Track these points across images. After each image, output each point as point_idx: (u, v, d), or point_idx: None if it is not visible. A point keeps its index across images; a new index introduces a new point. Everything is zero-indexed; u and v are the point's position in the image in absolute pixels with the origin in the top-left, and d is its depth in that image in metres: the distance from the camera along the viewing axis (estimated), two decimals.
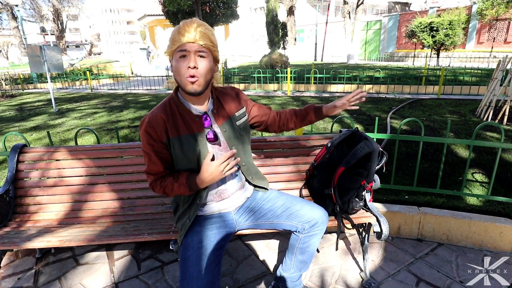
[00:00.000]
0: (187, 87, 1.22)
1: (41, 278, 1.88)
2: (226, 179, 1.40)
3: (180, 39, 1.18)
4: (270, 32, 12.95)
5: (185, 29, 1.18)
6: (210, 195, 1.39)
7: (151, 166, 1.31)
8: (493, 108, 4.68)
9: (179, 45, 1.19)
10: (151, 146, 1.29)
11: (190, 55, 1.19)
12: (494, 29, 18.44)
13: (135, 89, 10.64)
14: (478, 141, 2.23)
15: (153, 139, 1.28)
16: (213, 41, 1.23)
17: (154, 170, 1.32)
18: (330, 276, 1.87)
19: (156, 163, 1.31)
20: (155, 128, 1.27)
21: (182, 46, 1.19)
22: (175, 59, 1.21)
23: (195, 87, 1.22)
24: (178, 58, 1.20)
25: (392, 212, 2.20)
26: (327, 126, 4.46)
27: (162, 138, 1.28)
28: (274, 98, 7.47)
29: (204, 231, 1.34)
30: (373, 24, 25.70)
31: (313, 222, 1.41)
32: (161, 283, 1.83)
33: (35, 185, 1.93)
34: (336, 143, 1.80)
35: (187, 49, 1.19)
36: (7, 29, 31.36)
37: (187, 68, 1.19)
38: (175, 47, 1.20)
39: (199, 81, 1.21)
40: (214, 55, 1.27)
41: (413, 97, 7.19)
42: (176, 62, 1.21)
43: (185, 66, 1.19)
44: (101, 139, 4.20)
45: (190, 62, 1.19)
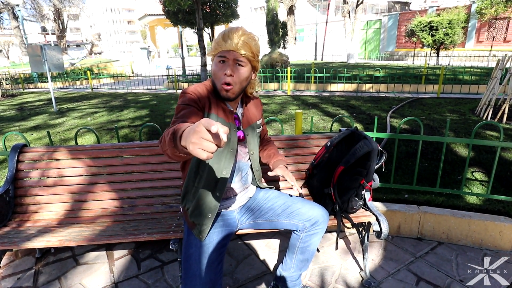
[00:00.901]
0: (221, 93, 1.26)
1: (41, 278, 1.89)
2: (233, 180, 1.41)
3: (222, 45, 1.22)
4: (270, 32, 12.95)
5: (229, 36, 1.21)
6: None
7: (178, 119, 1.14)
8: (492, 107, 4.68)
9: (220, 50, 1.23)
10: (190, 107, 1.18)
11: (228, 62, 1.23)
12: (493, 28, 18.41)
13: (135, 89, 10.63)
14: (478, 140, 2.23)
15: (197, 103, 1.21)
16: (253, 51, 1.26)
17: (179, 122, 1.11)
18: (330, 275, 1.87)
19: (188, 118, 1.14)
20: (201, 95, 1.25)
21: (223, 52, 1.23)
22: (215, 63, 1.26)
23: (229, 94, 1.26)
24: (217, 62, 1.25)
25: (391, 211, 2.20)
26: (327, 125, 4.46)
27: (205, 107, 1.25)
28: (274, 97, 7.47)
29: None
30: (373, 24, 25.68)
31: (313, 221, 1.41)
32: (161, 282, 1.83)
33: (35, 184, 1.93)
34: (336, 142, 1.80)
35: (227, 56, 1.22)
36: (8, 28, 31.34)
37: (224, 75, 1.23)
38: (216, 52, 1.24)
39: (233, 89, 1.26)
40: (253, 64, 1.30)
41: (413, 96, 7.20)
42: (215, 66, 1.26)
43: (222, 72, 1.23)
44: (101, 139, 4.20)
45: (227, 69, 1.22)
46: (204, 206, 1.30)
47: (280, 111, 5.66)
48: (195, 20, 12.15)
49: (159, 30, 26.32)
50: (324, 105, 6.18)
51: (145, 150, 1.98)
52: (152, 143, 1.98)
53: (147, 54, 19.53)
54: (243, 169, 1.44)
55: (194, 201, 1.31)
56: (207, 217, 1.29)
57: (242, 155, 1.41)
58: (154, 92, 9.63)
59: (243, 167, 1.44)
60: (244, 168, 1.45)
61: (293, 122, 4.69)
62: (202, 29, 10.42)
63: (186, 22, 14.44)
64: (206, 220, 1.29)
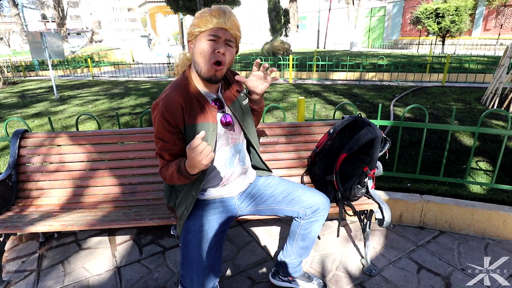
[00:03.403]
0: (209, 73, 1.20)
1: (45, 262, 1.91)
2: (228, 165, 1.37)
3: (213, 22, 1.16)
4: (272, 19, 12.77)
5: (220, 14, 1.16)
6: (210, 181, 1.37)
7: (166, 153, 1.23)
8: (499, 96, 4.61)
9: (211, 27, 1.16)
10: (168, 131, 1.20)
11: (219, 41, 1.18)
12: (501, 15, 18.01)
13: (136, 77, 10.57)
14: (484, 128, 2.20)
15: (170, 125, 1.20)
16: (240, 32, 1.24)
17: (168, 158, 1.24)
18: (331, 262, 1.87)
19: (173, 149, 1.22)
20: (174, 114, 1.19)
21: (215, 30, 1.17)
22: (203, 40, 1.17)
23: (217, 75, 1.21)
24: (206, 40, 1.17)
25: (394, 199, 2.19)
26: (329, 113, 4.42)
27: (180, 125, 1.21)
28: (275, 85, 7.40)
29: (206, 215, 1.33)
30: (377, 11, 25.18)
31: (314, 208, 1.40)
32: (163, 267, 1.85)
33: (37, 170, 1.93)
34: (339, 129, 1.78)
35: (219, 35, 1.17)
36: (8, 16, 31.04)
37: (216, 52, 1.17)
38: (205, 29, 1.17)
39: (223, 70, 1.22)
40: (237, 46, 1.28)
41: (417, 85, 7.10)
42: (203, 45, 1.17)
43: (214, 50, 1.17)
44: (102, 126, 4.19)
45: (221, 47, 1.17)
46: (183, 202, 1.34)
47: (282, 99, 5.61)
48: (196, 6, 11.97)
49: (160, 18, 25.97)
50: (327, 93, 6.12)
51: (146, 136, 1.97)
52: (152, 129, 1.97)
53: (147, 42, 19.36)
54: (239, 151, 1.40)
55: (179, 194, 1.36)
56: (183, 214, 1.33)
57: (234, 137, 1.36)
58: (155, 80, 9.56)
59: (239, 148, 1.40)
60: (241, 150, 1.41)
61: (295, 110, 4.64)
62: None
63: (187, 9, 14.24)
64: (183, 216, 1.33)
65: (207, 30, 1.17)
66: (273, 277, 1.67)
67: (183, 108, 1.21)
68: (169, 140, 1.22)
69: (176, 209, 1.38)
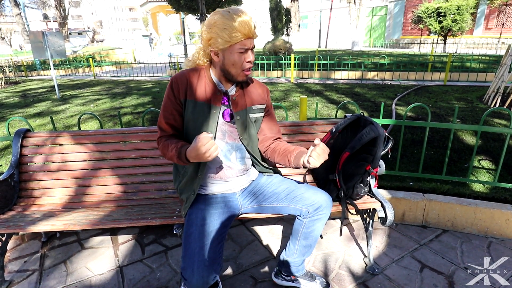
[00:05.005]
0: (238, 78, 1.30)
1: (47, 261, 1.91)
2: (227, 163, 1.40)
3: (241, 35, 1.20)
4: (273, 18, 12.75)
5: (246, 25, 1.20)
6: (210, 176, 1.40)
7: (163, 121, 1.35)
8: (501, 95, 4.59)
9: (242, 40, 1.22)
10: (170, 100, 1.33)
11: (248, 50, 1.25)
12: (503, 14, 17.93)
13: (137, 76, 10.57)
14: (486, 127, 2.19)
15: (174, 95, 1.32)
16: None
17: (165, 127, 1.36)
18: (334, 261, 1.87)
19: (169, 118, 1.34)
20: (179, 85, 1.32)
21: (243, 43, 1.22)
22: (234, 54, 1.24)
23: (246, 79, 1.33)
24: (237, 53, 1.24)
25: (396, 198, 2.19)
26: (331, 112, 4.41)
27: (181, 96, 1.32)
28: (277, 84, 7.39)
29: (209, 209, 1.35)
30: (378, 10, 25.11)
31: (317, 205, 1.39)
32: (165, 267, 1.85)
33: (39, 169, 1.93)
34: (341, 128, 1.77)
35: (248, 46, 1.25)
36: (10, 16, 31.12)
37: (248, 62, 1.26)
38: (234, 42, 1.21)
39: (250, 72, 1.31)
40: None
41: (419, 84, 7.08)
42: (234, 56, 1.24)
43: (245, 60, 1.26)
44: (104, 125, 4.19)
45: (251, 57, 1.26)
46: (190, 183, 1.39)
47: (283, 98, 5.60)
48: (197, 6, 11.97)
49: (161, 17, 26.01)
50: (328, 92, 6.10)
51: (148, 135, 1.97)
52: (155, 128, 1.96)
53: (149, 41, 19.38)
54: (237, 149, 1.42)
55: (183, 179, 1.40)
56: (190, 196, 1.38)
57: (232, 136, 1.40)
58: (157, 80, 9.56)
59: (237, 147, 1.42)
60: (239, 149, 1.42)
61: (297, 109, 4.64)
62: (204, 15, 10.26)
63: (188, 8, 14.23)
64: (189, 199, 1.38)
65: (236, 44, 1.22)
66: (276, 276, 1.67)
67: (188, 82, 1.32)
68: (168, 109, 1.34)
69: (181, 193, 1.45)
